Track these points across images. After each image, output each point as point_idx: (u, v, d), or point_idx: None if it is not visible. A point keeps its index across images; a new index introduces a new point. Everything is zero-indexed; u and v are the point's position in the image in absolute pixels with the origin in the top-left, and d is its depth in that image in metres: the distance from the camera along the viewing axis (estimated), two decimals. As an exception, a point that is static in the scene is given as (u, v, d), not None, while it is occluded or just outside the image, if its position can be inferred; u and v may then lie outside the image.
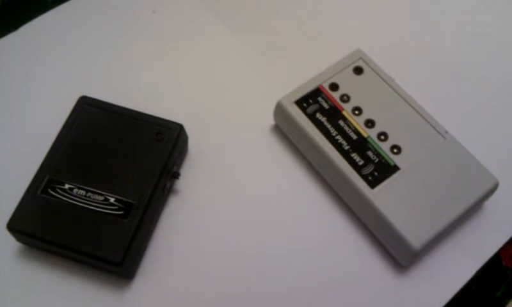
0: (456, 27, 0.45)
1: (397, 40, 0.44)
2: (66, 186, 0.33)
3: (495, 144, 0.39)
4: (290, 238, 0.31)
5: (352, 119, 0.36)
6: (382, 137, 0.35)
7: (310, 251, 0.30)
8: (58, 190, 0.33)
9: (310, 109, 0.36)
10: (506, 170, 0.37)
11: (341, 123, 0.36)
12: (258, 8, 0.46)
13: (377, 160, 0.34)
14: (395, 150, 0.35)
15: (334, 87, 0.37)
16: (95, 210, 0.32)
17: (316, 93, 0.37)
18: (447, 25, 0.45)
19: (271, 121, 0.39)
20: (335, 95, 0.37)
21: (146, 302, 0.32)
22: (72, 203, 0.32)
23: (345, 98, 0.37)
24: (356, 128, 0.36)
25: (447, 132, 0.35)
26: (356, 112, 0.36)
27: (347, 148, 0.35)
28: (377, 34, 0.45)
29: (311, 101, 0.37)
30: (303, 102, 0.37)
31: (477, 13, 0.46)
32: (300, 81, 0.38)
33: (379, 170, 0.34)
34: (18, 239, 0.33)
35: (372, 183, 0.33)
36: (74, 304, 0.32)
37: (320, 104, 0.36)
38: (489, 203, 0.36)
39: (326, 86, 0.37)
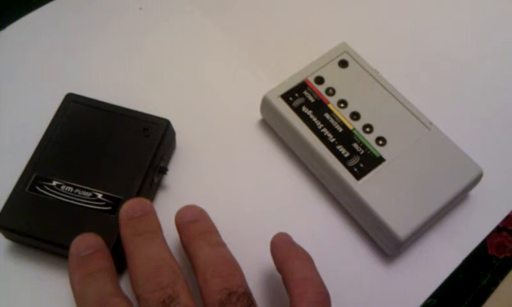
0: (441, 19, 0.46)
1: (382, 33, 0.45)
2: (54, 183, 0.33)
3: (479, 134, 0.39)
4: (277, 231, 0.31)
5: (338, 112, 0.36)
6: (367, 129, 0.35)
7: (297, 242, 0.31)
8: (46, 187, 0.33)
9: (296, 103, 0.36)
10: (491, 160, 0.37)
11: (327, 115, 0.36)
12: (245, 3, 0.46)
13: (362, 152, 0.35)
14: (380, 142, 0.35)
15: (319, 80, 0.37)
16: (83, 206, 0.32)
17: (302, 86, 0.37)
18: (432, 18, 0.46)
19: (258, 115, 0.39)
20: (321, 89, 0.37)
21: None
22: (59, 199, 0.32)
23: (330, 92, 0.37)
24: (341, 121, 0.36)
25: (431, 123, 0.36)
26: (342, 105, 0.36)
27: (332, 140, 0.35)
28: (361, 27, 0.45)
29: (297, 95, 0.37)
30: (289, 96, 0.37)
31: (462, 6, 0.47)
32: (286, 75, 0.38)
33: (365, 162, 0.34)
34: (6, 236, 0.33)
35: (358, 175, 0.34)
36: (64, 301, 0.32)
37: (306, 98, 0.37)
38: (475, 193, 0.37)
39: (311, 79, 0.37)
